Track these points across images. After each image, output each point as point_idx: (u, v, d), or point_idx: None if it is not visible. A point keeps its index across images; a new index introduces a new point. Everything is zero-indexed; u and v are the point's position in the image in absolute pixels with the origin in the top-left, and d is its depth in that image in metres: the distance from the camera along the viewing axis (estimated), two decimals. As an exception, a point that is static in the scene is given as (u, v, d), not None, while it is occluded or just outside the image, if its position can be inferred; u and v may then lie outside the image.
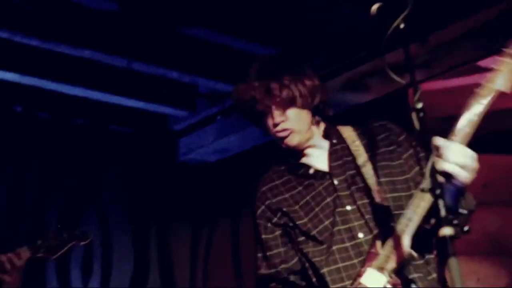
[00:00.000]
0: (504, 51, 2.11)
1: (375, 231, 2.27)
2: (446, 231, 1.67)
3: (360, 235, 2.29)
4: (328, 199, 2.36)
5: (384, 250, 2.14)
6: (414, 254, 2.13)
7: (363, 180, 2.33)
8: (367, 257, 2.21)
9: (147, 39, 4.65)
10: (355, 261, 2.27)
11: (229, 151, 5.77)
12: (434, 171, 1.79)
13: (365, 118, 2.57)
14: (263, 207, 2.50)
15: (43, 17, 4.27)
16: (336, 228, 2.31)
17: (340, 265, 2.29)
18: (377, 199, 2.29)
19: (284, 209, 2.43)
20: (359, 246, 2.28)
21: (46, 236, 3.13)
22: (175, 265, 5.90)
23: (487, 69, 4.39)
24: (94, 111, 5.56)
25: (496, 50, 4.05)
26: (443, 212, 1.71)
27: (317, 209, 2.37)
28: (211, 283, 5.94)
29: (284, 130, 2.35)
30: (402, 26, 1.90)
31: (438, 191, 1.74)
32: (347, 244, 2.30)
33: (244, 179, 5.46)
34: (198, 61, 4.93)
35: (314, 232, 2.35)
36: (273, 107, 2.33)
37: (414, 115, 1.84)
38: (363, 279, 2.16)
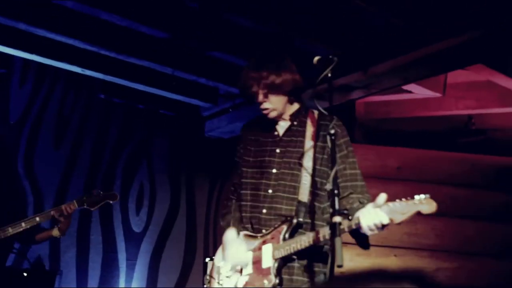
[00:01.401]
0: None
1: (279, 204, 2.15)
2: (337, 219, 1.67)
3: (270, 191, 2.20)
4: (266, 158, 2.27)
5: (285, 242, 2.03)
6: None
7: (298, 160, 2.18)
8: (272, 232, 2.10)
9: (186, 57, 4.67)
10: (257, 204, 2.21)
11: (235, 132, 5.65)
12: (335, 178, 1.74)
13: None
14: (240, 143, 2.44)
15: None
16: (259, 178, 2.24)
17: (249, 203, 2.25)
18: (299, 194, 2.14)
19: (248, 147, 2.38)
20: (266, 198, 2.19)
21: (89, 194, 2.98)
22: (196, 204, 5.90)
23: (405, 91, 4.51)
24: (151, 100, 5.54)
25: (409, 81, 4.19)
26: (337, 206, 1.70)
27: (259, 158, 2.29)
28: (219, 219, 5.98)
29: (265, 109, 2.27)
30: (329, 75, 1.88)
31: (336, 191, 1.71)
32: (260, 192, 2.22)
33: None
34: (219, 73, 4.95)
35: (247, 170, 2.31)
36: (259, 91, 2.23)
37: (328, 138, 1.83)
38: (263, 248, 2.07)
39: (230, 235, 2.28)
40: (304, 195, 2.11)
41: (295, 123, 2.30)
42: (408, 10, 3.50)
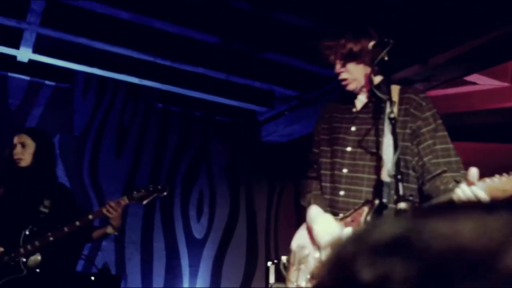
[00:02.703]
0: None
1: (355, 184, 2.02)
2: (402, 205, 1.57)
3: (345, 170, 2.07)
4: (340, 135, 2.14)
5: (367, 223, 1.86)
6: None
7: (377, 137, 2.01)
8: (352, 214, 1.98)
9: (241, 62, 4.68)
10: (334, 185, 2.09)
11: (293, 135, 5.70)
12: (398, 162, 1.62)
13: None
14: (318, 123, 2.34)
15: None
16: (333, 157, 2.13)
17: (328, 184, 2.13)
18: (373, 172, 1.99)
19: (323, 125, 2.26)
20: (341, 178, 2.07)
21: (138, 189, 2.86)
22: (256, 209, 5.90)
23: (469, 82, 4.28)
24: (207, 107, 5.60)
25: (474, 71, 3.98)
26: (401, 192, 1.60)
27: (333, 135, 2.17)
28: (280, 223, 5.95)
29: (343, 79, 2.11)
30: (386, 58, 1.77)
31: (399, 177, 1.60)
32: (335, 172, 2.10)
33: (304, 155, 5.54)
34: (274, 75, 4.92)
35: (324, 148, 2.20)
36: (337, 61, 2.10)
37: (386, 122, 1.70)
38: (344, 232, 1.95)
39: (315, 211, 2.12)
40: (386, 174, 1.88)
41: (373, 99, 2.09)
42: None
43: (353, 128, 2.10)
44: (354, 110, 2.14)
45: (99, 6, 3.72)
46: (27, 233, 2.75)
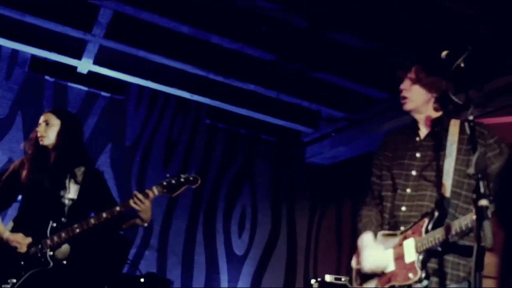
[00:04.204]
0: None
1: (419, 202, 2.12)
2: (483, 202, 1.59)
3: (408, 190, 2.18)
4: (405, 161, 2.25)
5: (428, 234, 1.99)
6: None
7: (438, 169, 2.13)
8: (413, 227, 2.08)
9: (292, 81, 4.75)
10: (396, 203, 2.19)
11: (338, 158, 5.69)
12: (477, 162, 1.65)
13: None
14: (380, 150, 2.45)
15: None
16: (398, 179, 2.24)
17: (389, 204, 2.23)
18: (435, 191, 2.10)
19: (386, 153, 2.37)
20: (404, 197, 2.18)
21: (169, 179, 2.67)
22: (297, 230, 5.88)
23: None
24: (253, 125, 5.68)
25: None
26: (482, 189, 1.61)
27: (398, 161, 2.28)
28: (320, 244, 5.90)
29: (404, 97, 2.26)
30: (462, 65, 1.82)
31: (479, 176, 1.62)
32: (398, 192, 2.21)
33: (348, 178, 5.53)
34: (322, 95, 4.96)
35: (387, 173, 2.30)
36: (405, 79, 2.26)
37: (466, 124, 1.76)
38: (405, 244, 2.05)
39: (366, 238, 2.26)
40: (445, 191, 2.06)
41: (435, 129, 2.25)
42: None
43: (417, 155, 2.24)
44: (417, 139, 2.28)
45: (162, 20, 3.87)
46: (54, 224, 2.66)
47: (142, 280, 3.59)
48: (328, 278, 4.14)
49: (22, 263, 2.58)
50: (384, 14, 3.54)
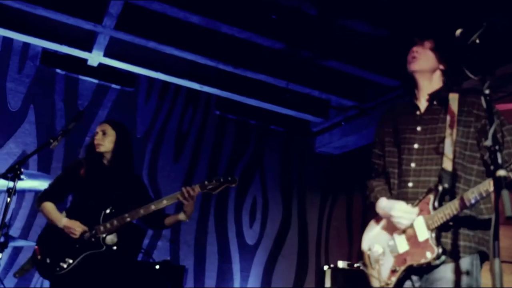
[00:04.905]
0: None
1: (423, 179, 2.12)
2: (501, 172, 1.58)
3: (413, 164, 2.18)
4: (406, 135, 2.26)
5: (437, 211, 2.00)
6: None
7: (440, 134, 2.15)
8: (419, 204, 2.09)
9: (300, 68, 4.75)
10: (402, 179, 2.19)
11: (347, 147, 5.71)
12: (495, 134, 1.64)
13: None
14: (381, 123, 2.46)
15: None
16: (401, 155, 2.24)
17: (396, 180, 2.23)
18: (442, 163, 2.09)
19: (386, 129, 2.38)
20: (409, 172, 2.18)
21: (210, 179, 2.93)
22: (308, 220, 5.89)
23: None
24: (263, 116, 5.70)
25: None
26: (500, 160, 1.61)
27: (400, 135, 2.29)
28: (331, 234, 5.92)
29: (413, 56, 2.27)
30: (477, 41, 1.82)
31: (496, 147, 1.62)
32: (403, 167, 2.21)
33: (358, 167, 5.50)
34: (332, 84, 4.97)
35: (389, 149, 2.31)
36: (421, 41, 2.28)
37: (482, 98, 1.75)
38: (415, 223, 2.06)
39: (385, 200, 2.22)
40: (447, 164, 2.07)
41: (435, 102, 2.26)
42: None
43: (418, 128, 2.24)
44: (418, 113, 2.29)
45: (172, 10, 3.89)
46: (107, 211, 2.93)
47: (157, 267, 3.64)
48: (341, 264, 4.16)
49: (77, 246, 2.86)
50: (395, 0, 3.55)
